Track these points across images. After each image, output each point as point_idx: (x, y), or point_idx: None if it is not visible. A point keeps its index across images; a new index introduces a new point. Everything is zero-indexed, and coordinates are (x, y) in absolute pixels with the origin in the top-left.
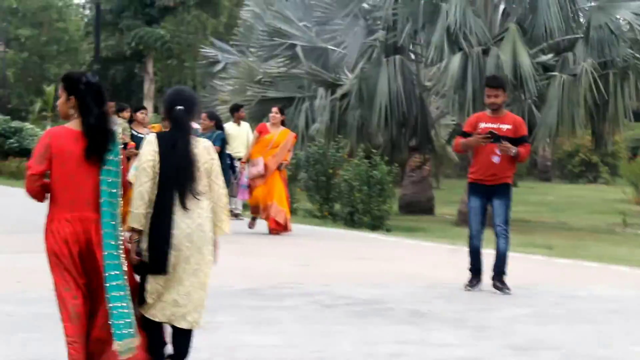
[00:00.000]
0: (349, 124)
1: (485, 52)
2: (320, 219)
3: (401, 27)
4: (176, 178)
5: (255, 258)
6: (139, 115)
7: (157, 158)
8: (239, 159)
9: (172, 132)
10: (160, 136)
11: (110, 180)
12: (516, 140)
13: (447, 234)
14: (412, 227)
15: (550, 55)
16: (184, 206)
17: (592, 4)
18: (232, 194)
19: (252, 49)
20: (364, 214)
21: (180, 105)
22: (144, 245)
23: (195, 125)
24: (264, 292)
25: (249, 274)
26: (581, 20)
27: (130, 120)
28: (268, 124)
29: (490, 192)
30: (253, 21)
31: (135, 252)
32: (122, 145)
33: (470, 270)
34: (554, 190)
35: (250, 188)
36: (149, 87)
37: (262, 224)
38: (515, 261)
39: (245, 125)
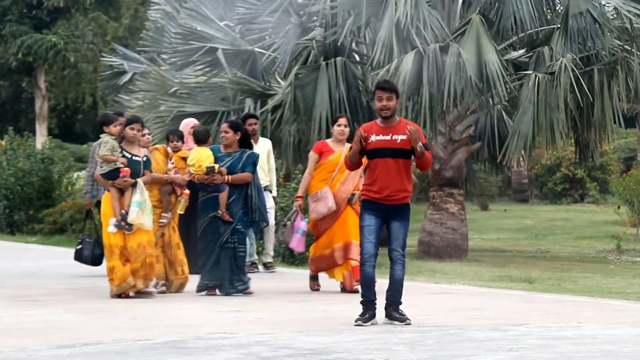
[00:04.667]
0: (284, 140)
1: (444, 49)
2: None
3: (342, 23)
4: None
5: (174, 303)
6: (129, 131)
7: None
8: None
9: None
10: None
11: None
12: (413, 152)
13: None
14: None
15: (522, 51)
16: None
17: None
18: (283, 239)
19: (163, 56)
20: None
21: None
22: None
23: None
24: (189, 344)
25: (169, 324)
26: (557, 7)
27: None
28: (329, 141)
29: (387, 212)
30: (164, 22)
31: None
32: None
33: (363, 302)
34: (533, 212)
35: (316, 233)
36: (41, 105)
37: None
38: (489, 298)
39: (263, 143)
